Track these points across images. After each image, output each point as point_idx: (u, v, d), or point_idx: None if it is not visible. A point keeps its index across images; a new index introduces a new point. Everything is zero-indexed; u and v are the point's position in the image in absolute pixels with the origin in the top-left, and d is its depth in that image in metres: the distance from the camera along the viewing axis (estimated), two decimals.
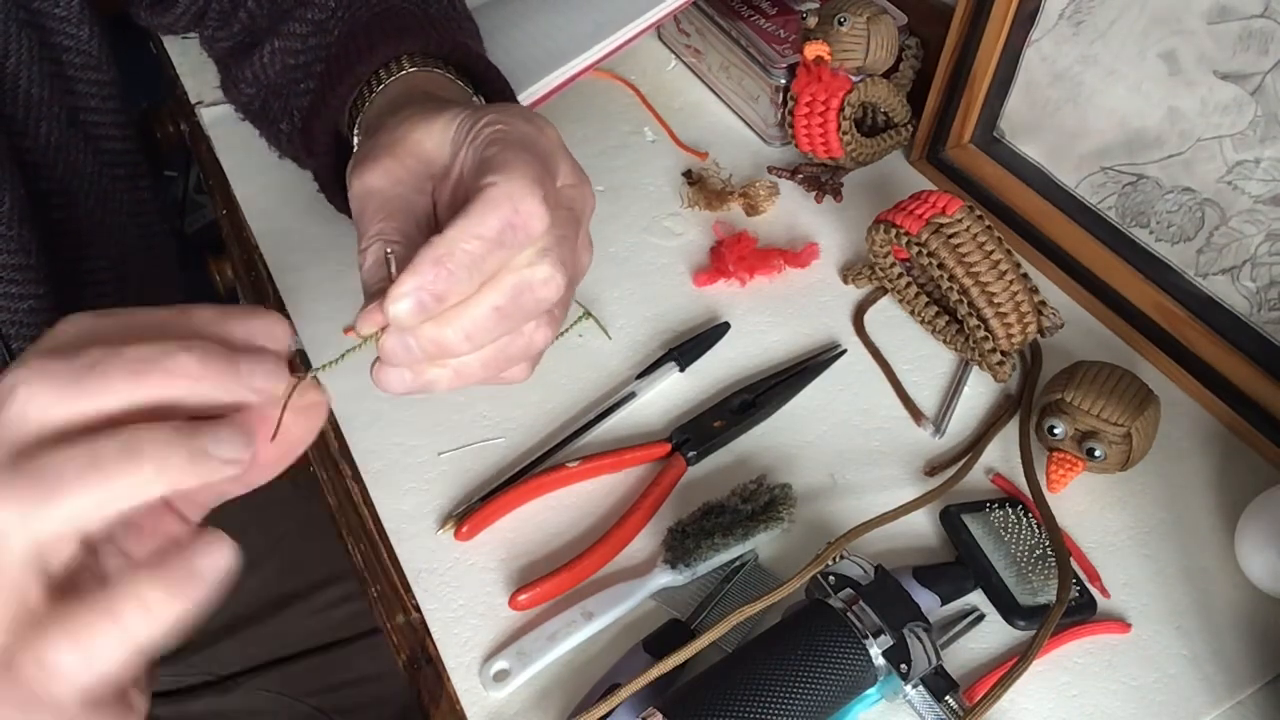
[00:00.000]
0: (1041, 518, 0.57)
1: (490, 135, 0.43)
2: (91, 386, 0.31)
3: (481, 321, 0.41)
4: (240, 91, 0.67)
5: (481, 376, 0.44)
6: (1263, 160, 0.61)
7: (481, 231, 0.39)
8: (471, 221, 0.39)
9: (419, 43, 0.56)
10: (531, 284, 0.42)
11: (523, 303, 0.42)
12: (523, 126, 0.44)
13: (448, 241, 0.39)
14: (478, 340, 0.42)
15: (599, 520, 0.59)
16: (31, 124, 0.65)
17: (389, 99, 0.55)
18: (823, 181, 0.78)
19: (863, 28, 0.74)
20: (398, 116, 0.48)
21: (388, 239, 0.43)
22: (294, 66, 0.63)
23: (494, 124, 0.44)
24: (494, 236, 0.39)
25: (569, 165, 0.45)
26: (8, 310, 0.60)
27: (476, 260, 0.39)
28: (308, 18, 0.62)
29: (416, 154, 0.45)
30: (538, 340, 0.45)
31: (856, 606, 0.48)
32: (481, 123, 0.44)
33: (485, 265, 0.40)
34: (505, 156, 0.41)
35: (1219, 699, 0.52)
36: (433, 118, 0.46)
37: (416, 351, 0.41)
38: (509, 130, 0.43)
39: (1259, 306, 0.63)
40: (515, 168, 0.40)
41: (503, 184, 0.40)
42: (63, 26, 0.66)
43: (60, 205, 0.68)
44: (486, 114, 0.44)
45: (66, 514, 0.31)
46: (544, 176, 0.41)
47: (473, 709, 0.52)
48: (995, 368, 0.64)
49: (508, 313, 0.42)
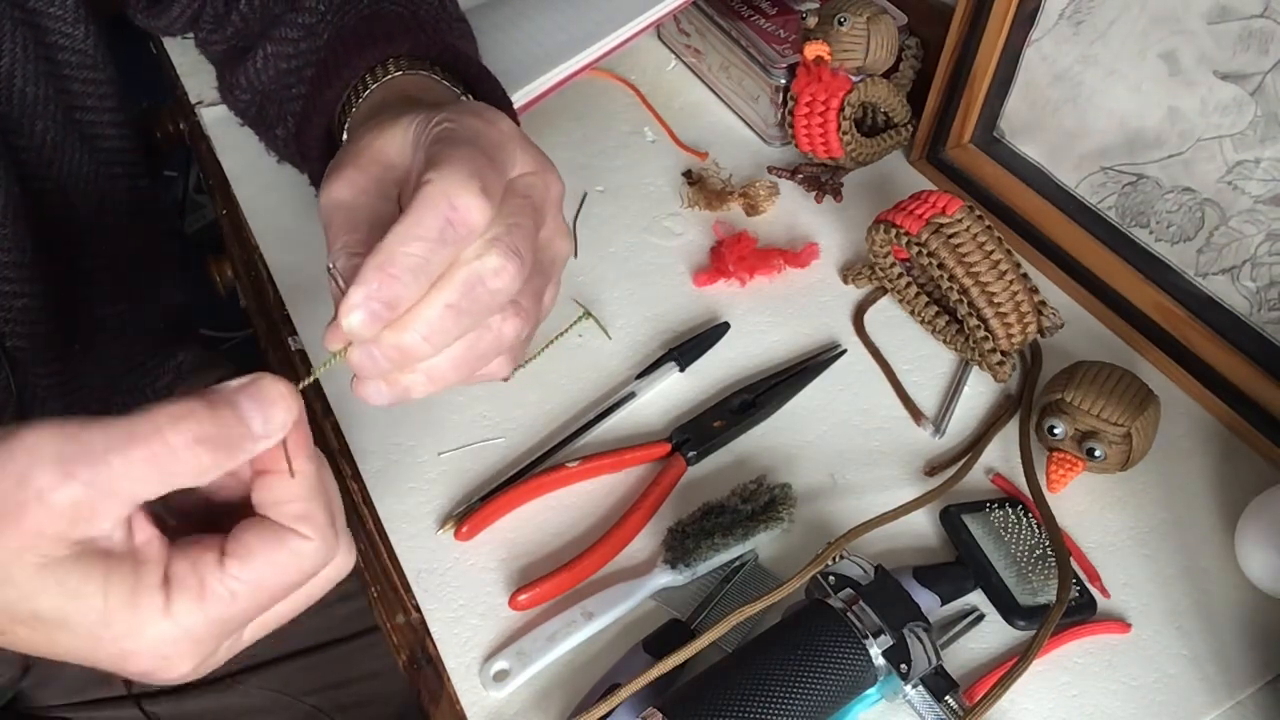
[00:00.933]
0: (1041, 518, 0.57)
1: (437, 134, 0.43)
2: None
3: (437, 322, 0.41)
4: (236, 97, 0.67)
5: (456, 377, 0.44)
6: (1263, 160, 0.61)
7: (420, 232, 0.39)
8: (409, 223, 0.39)
9: (407, 45, 0.56)
10: (482, 275, 0.41)
11: (477, 296, 0.41)
12: (470, 121, 0.43)
13: (388, 247, 0.39)
14: (438, 341, 0.41)
15: (599, 520, 0.59)
16: (26, 122, 0.65)
17: (374, 102, 0.55)
18: (823, 181, 0.78)
19: (863, 28, 0.74)
20: (369, 123, 0.48)
21: (352, 250, 0.43)
22: (286, 71, 0.63)
23: (442, 123, 0.43)
24: (434, 235, 0.39)
25: (528, 154, 0.45)
26: (3, 309, 0.60)
27: (420, 262, 0.39)
28: (298, 22, 0.62)
29: (380, 161, 0.45)
30: (507, 332, 0.44)
31: (856, 606, 0.48)
32: (432, 123, 0.44)
33: (431, 265, 0.39)
34: (445, 152, 0.41)
35: (1219, 699, 0.52)
36: (393, 123, 0.46)
37: (382, 361, 0.41)
38: (455, 127, 0.43)
39: (1259, 306, 0.63)
40: (451, 162, 0.40)
41: (437, 180, 0.39)
42: (58, 25, 0.66)
43: (57, 204, 0.68)
44: (439, 113, 0.44)
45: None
46: (484, 168, 0.41)
47: (473, 709, 0.52)
48: (995, 368, 0.64)
49: (463, 308, 0.41)
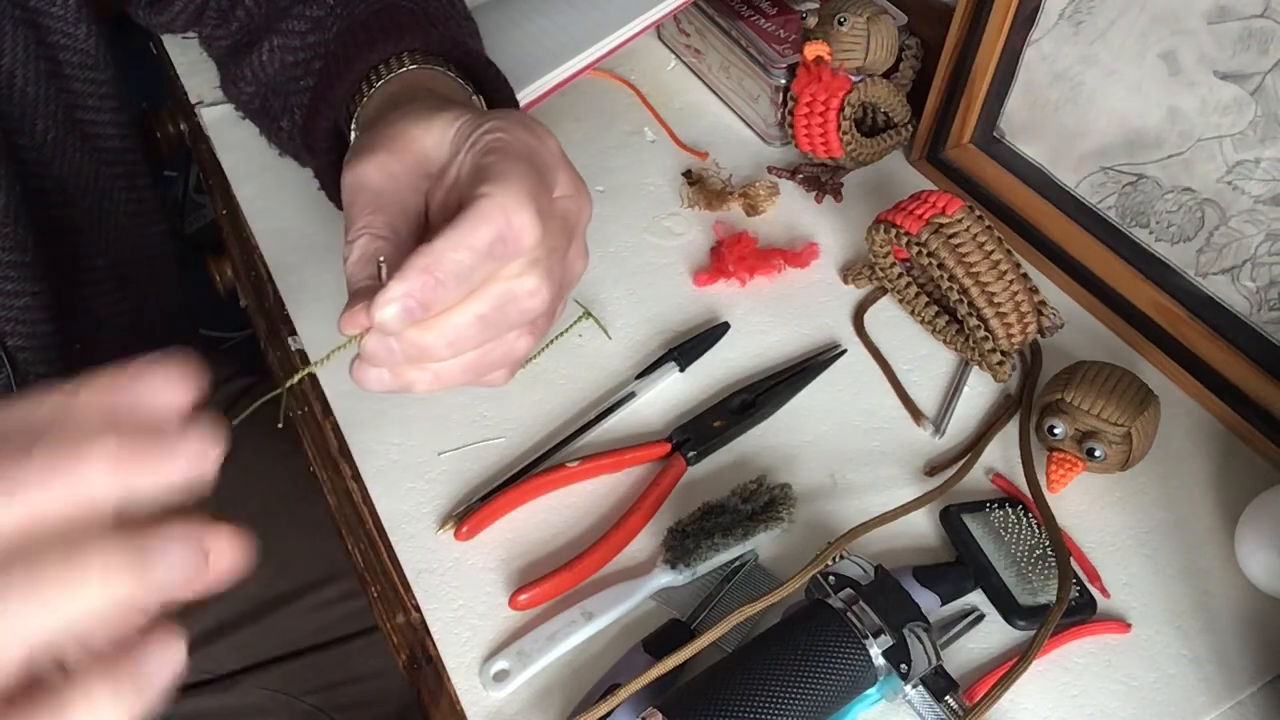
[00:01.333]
0: (1041, 518, 0.57)
1: (489, 143, 0.43)
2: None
3: (464, 329, 0.41)
4: (240, 90, 0.67)
5: (461, 381, 0.44)
6: (1263, 160, 0.61)
7: (472, 242, 0.39)
8: (463, 232, 0.39)
9: (418, 40, 0.56)
10: (517, 295, 0.42)
11: (507, 312, 0.42)
12: (523, 136, 0.43)
13: (437, 250, 0.39)
14: (459, 347, 0.42)
15: (599, 520, 0.59)
16: (27, 122, 0.65)
17: (387, 95, 0.55)
18: (823, 181, 0.78)
19: (863, 28, 0.74)
20: (399, 110, 0.48)
21: (375, 233, 0.43)
22: (293, 64, 0.63)
23: (494, 131, 0.43)
24: (484, 248, 0.39)
25: (568, 176, 0.45)
26: (3, 307, 0.60)
27: (466, 271, 0.39)
28: (306, 14, 0.62)
29: (414, 150, 0.45)
30: (519, 349, 0.45)
31: (856, 606, 0.48)
32: (482, 129, 0.44)
33: (474, 276, 0.40)
34: (502, 167, 0.41)
35: (1219, 699, 0.52)
36: (433, 116, 0.46)
37: (398, 354, 0.41)
38: (509, 139, 0.43)
39: (1259, 306, 0.63)
40: (511, 179, 0.40)
41: (497, 195, 0.40)
42: (59, 25, 0.66)
43: (57, 203, 0.68)
44: (488, 120, 0.44)
45: (7, 637, 0.27)
46: (539, 189, 0.41)
47: (473, 709, 0.52)
48: (995, 368, 0.64)
49: (491, 321, 0.42)
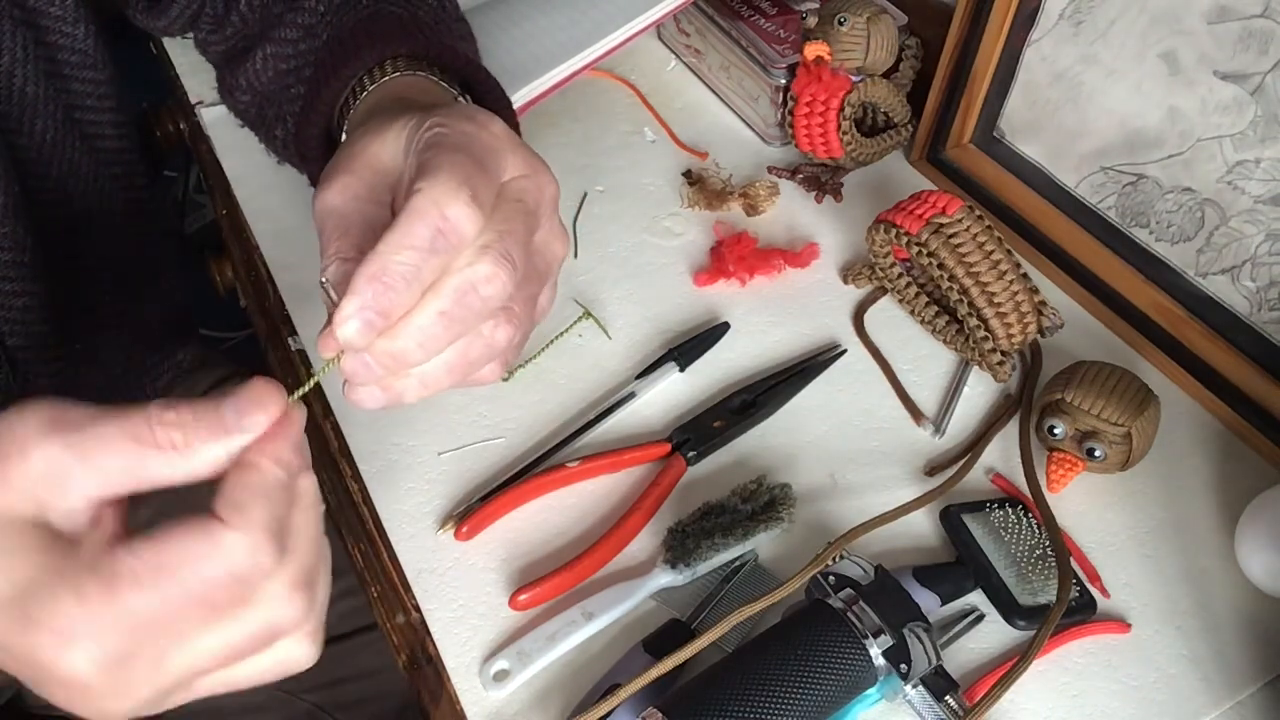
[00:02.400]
0: (1041, 518, 0.57)
1: (429, 139, 0.43)
2: None
3: (430, 329, 0.41)
4: (236, 99, 0.67)
5: (449, 382, 0.44)
6: (1263, 160, 0.61)
7: (411, 241, 0.39)
8: (400, 233, 0.39)
9: (405, 46, 0.56)
10: (473, 283, 0.41)
11: (469, 303, 0.41)
12: (462, 125, 0.43)
13: (380, 257, 0.39)
14: (431, 347, 0.42)
15: (599, 520, 0.59)
16: (26, 121, 0.65)
17: (369, 105, 0.55)
18: (823, 181, 0.78)
19: (863, 28, 0.74)
20: (364, 127, 0.48)
21: (343, 256, 0.43)
22: (285, 72, 0.63)
23: (434, 127, 0.43)
24: (425, 245, 0.39)
25: (520, 157, 0.44)
26: (3, 308, 0.60)
27: (412, 271, 0.39)
28: (298, 22, 0.62)
29: (373, 166, 0.45)
30: (499, 339, 0.44)
31: (856, 606, 0.48)
32: (424, 127, 0.44)
33: (422, 274, 0.40)
34: (435, 160, 0.41)
35: (1219, 699, 0.52)
36: (387, 126, 0.45)
37: (376, 368, 0.41)
38: (447, 132, 0.43)
39: (1259, 306, 0.63)
40: (441, 170, 0.40)
41: (427, 190, 0.39)
42: (58, 25, 0.66)
43: (56, 203, 0.68)
44: (431, 117, 0.44)
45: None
46: (474, 175, 0.41)
47: (473, 709, 0.52)
48: (995, 368, 0.64)
49: (456, 316, 0.41)
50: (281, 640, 0.37)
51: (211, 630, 0.35)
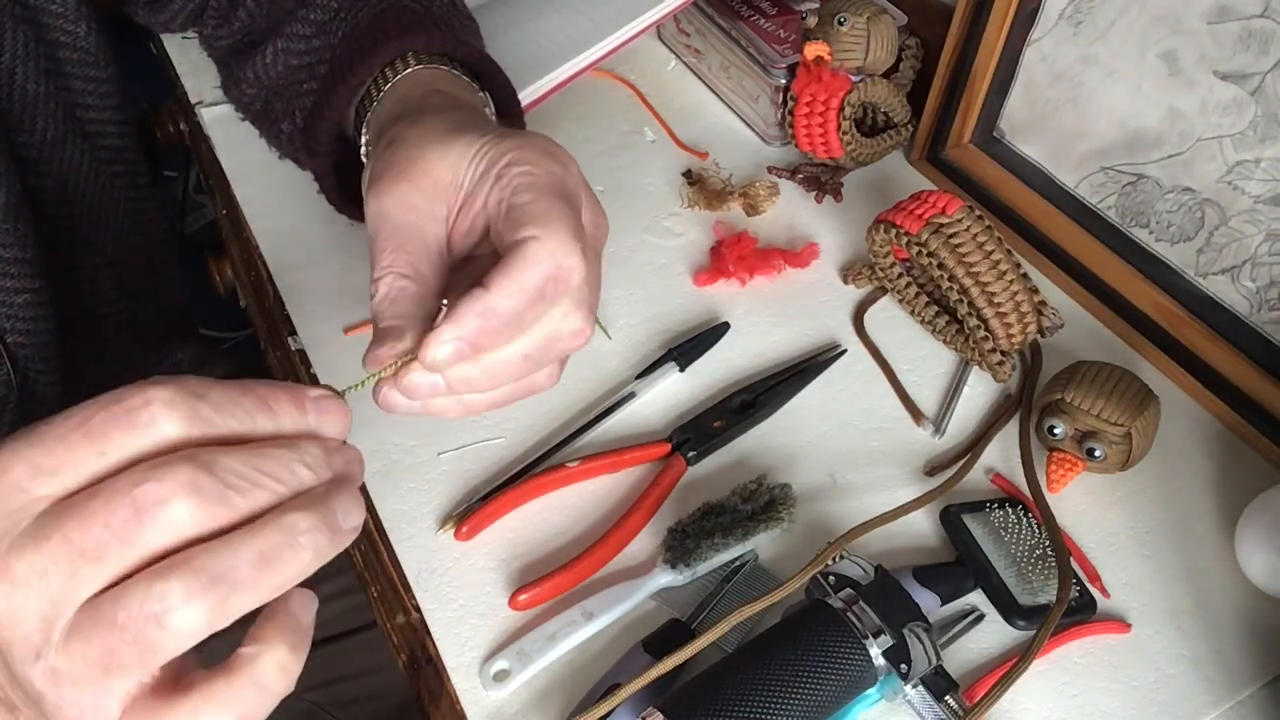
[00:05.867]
0: (1041, 518, 0.57)
1: (520, 181, 0.43)
2: (237, 503, 0.32)
3: (510, 367, 0.43)
4: (241, 92, 0.67)
5: (484, 410, 0.45)
6: (1263, 160, 0.61)
7: (525, 287, 0.40)
8: (514, 278, 0.40)
9: (423, 41, 0.57)
10: (562, 334, 0.43)
11: (550, 351, 0.44)
12: (550, 167, 0.44)
13: (492, 296, 0.40)
14: (500, 381, 0.43)
15: (599, 520, 0.59)
16: (28, 119, 0.65)
17: (398, 97, 0.55)
18: (823, 181, 0.78)
19: (863, 28, 0.74)
20: (410, 121, 0.48)
21: (399, 272, 0.44)
22: (297, 67, 0.63)
23: (520, 164, 0.44)
24: (535, 292, 0.41)
25: (590, 200, 0.46)
26: (4, 304, 0.60)
27: (518, 315, 0.41)
28: (310, 18, 0.62)
29: (433, 177, 0.46)
30: (541, 382, 0.46)
31: (856, 606, 0.48)
32: (505, 160, 0.44)
33: (525, 319, 0.42)
34: (540, 207, 0.42)
35: (1219, 699, 0.52)
36: (450, 141, 0.46)
37: (443, 389, 0.43)
38: (538, 174, 0.44)
39: (1259, 306, 0.63)
40: (553, 221, 0.41)
41: (545, 240, 0.41)
42: (59, 23, 0.66)
43: (57, 201, 0.68)
44: (509, 147, 0.45)
45: (243, 608, 0.31)
46: (579, 228, 0.43)
47: (473, 709, 0.52)
48: (995, 368, 0.64)
49: (536, 359, 0.43)
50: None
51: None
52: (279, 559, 0.32)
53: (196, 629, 0.30)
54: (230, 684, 0.32)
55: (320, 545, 0.33)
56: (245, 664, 0.32)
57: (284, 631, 0.33)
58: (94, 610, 0.30)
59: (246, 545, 0.31)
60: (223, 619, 0.31)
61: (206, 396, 0.33)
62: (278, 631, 0.33)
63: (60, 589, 0.30)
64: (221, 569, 0.31)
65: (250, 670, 0.32)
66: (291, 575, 0.32)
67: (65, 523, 0.30)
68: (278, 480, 0.33)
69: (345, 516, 0.34)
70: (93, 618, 0.30)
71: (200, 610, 0.30)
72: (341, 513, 0.34)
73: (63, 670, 0.30)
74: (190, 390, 0.33)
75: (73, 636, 0.30)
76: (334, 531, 0.33)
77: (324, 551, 0.33)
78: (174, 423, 0.32)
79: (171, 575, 0.30)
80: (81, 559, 0.30)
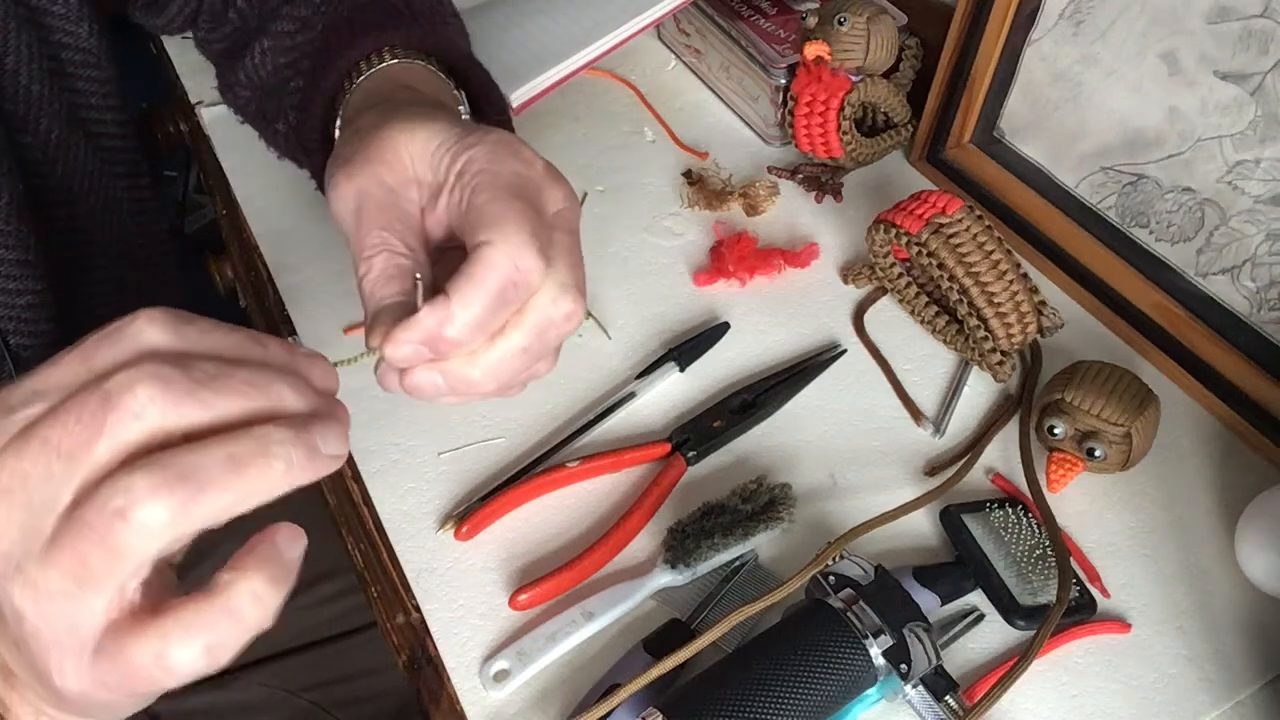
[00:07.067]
0: (1041, 518, 0.57)
1: (478, 180, 0.43)
2: (207, 399, 0.32)
3: (509, 363, 0.43)
4: (236, 95, 0.67)
5: (479, 399, 0.46)
6: (1263, 160, 0.61)
7: (485, 292, 0.41)
8: (474, 285, 0.41)
9: (400, 36, 0.56)
10: (554, 320, 0.43)
11: (547, 339, 0.44)
12: (509, 164, 0.44)
13: (452, 304, 0.40)
14: (504, 379, 0.44)
15: (599, 520, 0.59)
16: (31, 120, 0.65)
17: (365, 92, 0.55)
18: (823, 181, 0.78)
19: (863, 28, 0.74)
20: (379, 111, 0.48)
21: (393, 249, 0.44)
22: (284, 65, 0.63)
23: (479, 160, 0.44)
24: (496, 297, 0.41)
25: (559, 189, 0.46)
26: (6, 305, 0.60)
27: (481, 322, 0.41)
28: (294, 15, 0.62)
29: (403, 160, 0.46)
30: (540, 371, 0.46)
31: (856, 606, 0.48)
32: (465, 156, 0.44)
33: (490, 324, 0.42)
34: (497, 209, 0.42)
35: (1219, 699, 0.52)
36: (414, 131, 0.46)
37: (444, 387, 0.43)
38: (497, 172, 0.43)
39: (1259, 306, 0.63)
40: (509, 223, 0.41)
41: (500, 244, 0.41)
42: (61, 24, 0.66)
43: (60, 202, 0.68)
44: (470, 145, 0.45)
45: (210, 512, 0.31)
46: (538, 225, 0.42)
47: (473, 709, 0.52)
48: (995, 368, 0.64)
49: (534, 351, 0.44)
50: None
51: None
52: (249, 464, 0.31)
53: (162, 525, 0.30)
54: (202, 609, 0.32)
55: (295, 459, 0.33)
56: (219, 590, 0.32)
57: (263, 562, 0.33)
58: (68, 516, 0.30)
59: (216, 446, 0.31)
60: (189, 520, 0.31)
61: (195, 322, 0.34)
62: (256, 561, 0.33)
63: (39, 492, 0.31)
64: (189, 465, 0.31)
65: (224, 597, 0.32)
66: (263, 484, 0.32)
67: (43, 425, 0.31)
68: (252, 386, 0.33)
69: (325, 441, 0.34)
70: (65, 523, 0.30)
71: (165, 506, 0.30)
72: (322, 438, 0.34)
73: (40, 584, 0.31)
74: (179, 314, 0.34)
75: (50, 546, 0.30)
76: (311, 450, 0.33)
77: (299, 467, 0.33)
78: (156, 334, 0.33)
79: (137, 470, 0.30)
80: (55, 457, 0.31)
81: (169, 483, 0.30)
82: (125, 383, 0.31)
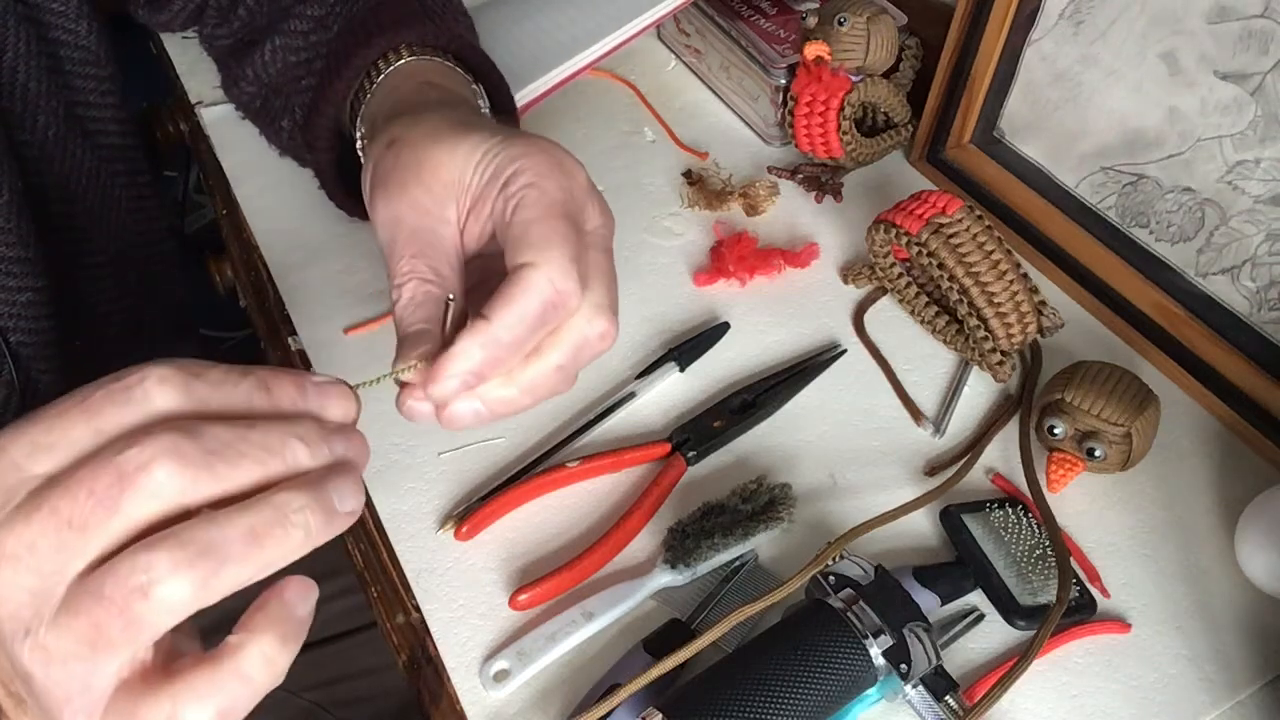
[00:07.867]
0: (1041, 518, 0.57)
1: (525, 195, 0.43)
2: (223, 473, 0.32)
3: (545, 381, 0.44)
4: (241, 90, 0.67)
5: (503, 418, 0.46)
6: (1263, 160, 0.61)
7: (525, 316, 0.41)
8: (513, 307, 0.41)
9: (416, 34, 0.57)
10: (590, 340, 0.44)
11: (581, 358, 0.44)
12: (557, 180, 0.44)
13: (493, 328, 0.41)
14: (539, 396, 0.45)
15: (599, 520, 0.59)
16: (29, 118, 0.65)
17: (389, 90, 0.55)
18: (823, 181, 0.78)
19: (863, 28, 0.74)
20: (411, 119, 0.48)
21: (422, 277, 0.44)
22: (295, 64, 0.63)
23: (526, 174, 0.44)
24: (536, 320, 0.41)
25: (596, 204, 0.46)
26: (6, 303, 0.60)
27: (520, 342, 0.42)
28: (308, 14, 0.62)
29: (441, 178, 0.46)
30: (563, 387, 0.46)
31: (856, 606, 0.48)
32: (512, 168, 0.44)
33: (528, 345, 0.42)
34: (542, 230, 0.42)
35: (1219, 699, 0.52)
36: (456, 141, 0.46)
37: (485, 413, 0.44)
38: (542, 190, 0.44)
39: (1259, 306, 0.63)
40: (553, 246, 0.42)
41: (543, 267, 0.41)
42: (60, 21, 0.66)
43: (59, 200, 0.68)
44: (517, 156, 0.45)
45: (230, 585, 0.31)
46: (579, 249, 0.43)
47: (473, 709, 0.52)
48: (995, 368, 0.64)
49: (568, 370, 0.44)
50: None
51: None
52: (269, 536, 0.31)
53: (183, 602, 0.30)
54: (213, 674, 0.32)
55: (313, 526, 0.32)
56: (229, 654, 0.32)
57: (274, 621, 0.33)
58: (83, 585, 0.30)
59: (236, 519, 0.31)
60: (210, 594, 0.31)
61: (203, 375, 0.33)
62: (267, 621, 0.33)
63: (49, 562, 0.30)
64: (209, 542, 0.30)
65: (234, 661, 0.32)
66: (282, 554, 0.32)
67: (52, 494, 0.31)
68: (266, 451, 0.33)
69: (342, 500, 0.33)
70: (81, 592, 0.30)
71: (187, 583, 0.30)
72: (338, 496, 0.33)
73: (51, 647, 0.30)
74: (187, 368, 0.33)
75: (62, 612, 0.30)
76: (328, 513, 0.33)
77: (317, 533, 0.33)
78: (167, 397, 0.32)
79: (159, 547, 0.30)
80: (68, 529, 0.30)
81: (190, 560, 0.30)
82: (140, 461, 0.30)
